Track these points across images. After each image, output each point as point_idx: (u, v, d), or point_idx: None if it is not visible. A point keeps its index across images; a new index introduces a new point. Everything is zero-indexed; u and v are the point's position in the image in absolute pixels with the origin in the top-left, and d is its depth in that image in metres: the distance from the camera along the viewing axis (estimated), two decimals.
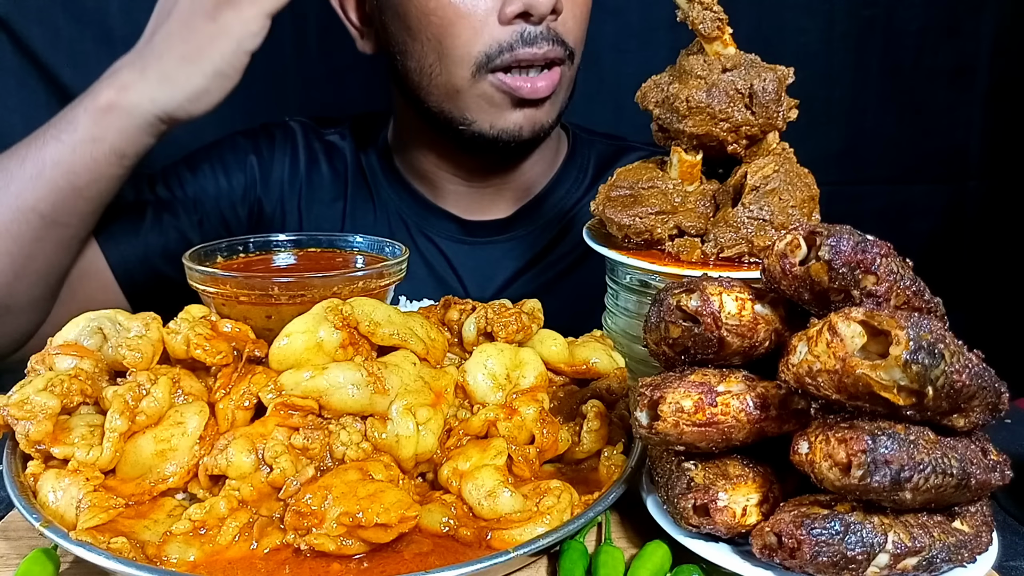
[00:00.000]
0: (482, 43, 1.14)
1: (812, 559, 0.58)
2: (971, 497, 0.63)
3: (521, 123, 1.22)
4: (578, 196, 1.39)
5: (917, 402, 0.55)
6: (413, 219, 1.36)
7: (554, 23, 1.15)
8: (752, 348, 0.66)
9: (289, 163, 1.38)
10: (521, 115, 1.21)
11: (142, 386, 0.72)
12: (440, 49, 1.17)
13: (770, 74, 0.86)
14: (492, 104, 1.19)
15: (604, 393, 0.85)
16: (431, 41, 1.17)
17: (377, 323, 0.77)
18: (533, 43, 1.14)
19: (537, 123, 1.23)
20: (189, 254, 0.88)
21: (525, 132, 1.23)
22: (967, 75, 1.81)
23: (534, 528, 0.68)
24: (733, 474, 0.65)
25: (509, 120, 1.21)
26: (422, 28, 1.17)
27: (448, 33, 1.15)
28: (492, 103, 1.19)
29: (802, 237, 0.61)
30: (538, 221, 1.37)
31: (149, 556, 0.63)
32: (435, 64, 1.19)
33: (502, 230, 1.36)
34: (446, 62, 1.17)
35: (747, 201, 0.86)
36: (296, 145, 1.40)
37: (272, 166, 1.38)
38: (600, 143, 1.45)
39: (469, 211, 1.36)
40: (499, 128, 1.22)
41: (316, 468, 0.71)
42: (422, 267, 1.34)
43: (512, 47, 1.14)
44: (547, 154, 1.38)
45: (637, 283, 0.93)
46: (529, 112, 1.21)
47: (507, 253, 1.36)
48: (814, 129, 1.77)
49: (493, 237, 1.36)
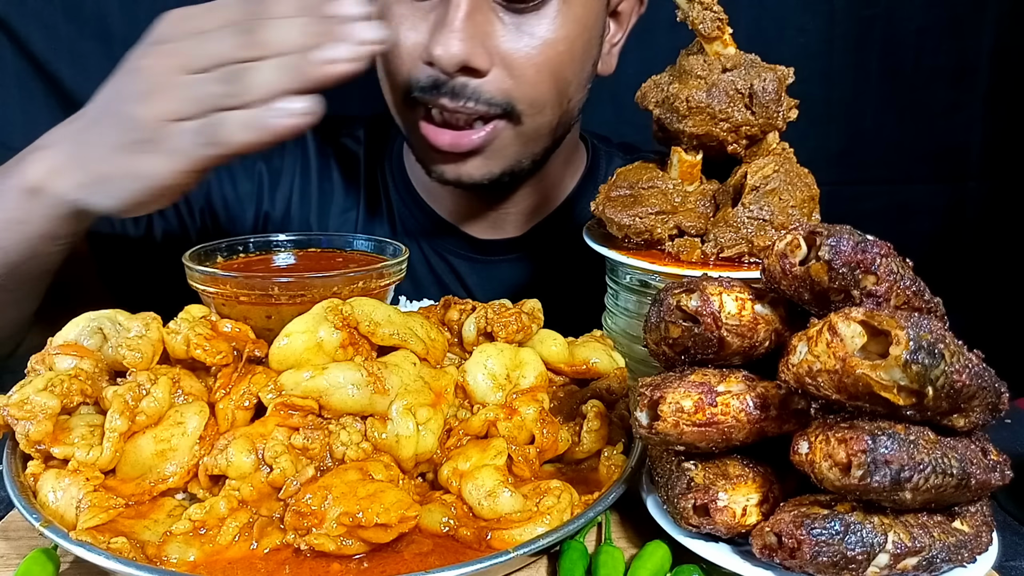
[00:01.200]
0: (407, 75, 1.08)
1: (812, 559, 0.58)
2: (971, 497, 0.63)
3: (444, 172, 1.14)
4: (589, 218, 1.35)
5: (917, 402, 0.55)
6: (424, 235, 1.32)
7: (477, 81, 1.05)
8: (752, 348, 0.66)
9: (300, 170, 1.33)
10: (440, 160, 1.13)
11: (142, 386, 0.72)
12: (382, 64, 1.13)
13: (770, 74, 0.86)
14: (419, 139, 1.13)
15: (604, 393, 0.85)
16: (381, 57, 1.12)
17: (377, 323, 0.77)
18: (444, 94, 1.05)
19: (464, 175, 1.13)
20: (189, 254, 0.88)
21: (448, 179, 1.14)
22: (967, 75, 1.81)
23: (534, 528, 0.68)
24: (733, 474, 0.65)
25: (434, 164, 1.14)
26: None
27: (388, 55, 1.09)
28: (419, 138, 1.13)
29: (802, 237, 0.61)
30: (553, 239, 1.32)
31: (149, 556, 0.63)
32: (382, 79, 1.15)
33: (514, 248, 1.31)
34: (385, 81, 1.14)
35: (747, 201, 0.86)
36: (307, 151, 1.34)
37: (282, 173, 1.33)
38: (619, 157, 1.38)
39: (480, 229, 1.31)
40: (428, 167, 1.16)
41: (316, 468, 0.71)
42: (433, 284, 1.31)
43: (424, 89, 1.06)
44: (560, 173, 1.32)
45: (637, 283, 0.93)
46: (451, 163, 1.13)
47: (520, 271, 1.31)
48: (814, 129, 1.76)
49: (506, 255, 1.31)
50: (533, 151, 1.16)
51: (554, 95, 1.10)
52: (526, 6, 1.04)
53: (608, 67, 1.23)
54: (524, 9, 1.04)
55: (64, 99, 1.69)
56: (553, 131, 1.15)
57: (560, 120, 1.15)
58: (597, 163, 1.37)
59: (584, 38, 1.10)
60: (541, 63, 1.07)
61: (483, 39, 1.03)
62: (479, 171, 1.14)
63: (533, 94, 1.08)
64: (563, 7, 1.06)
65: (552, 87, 1.09)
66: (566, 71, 1.10)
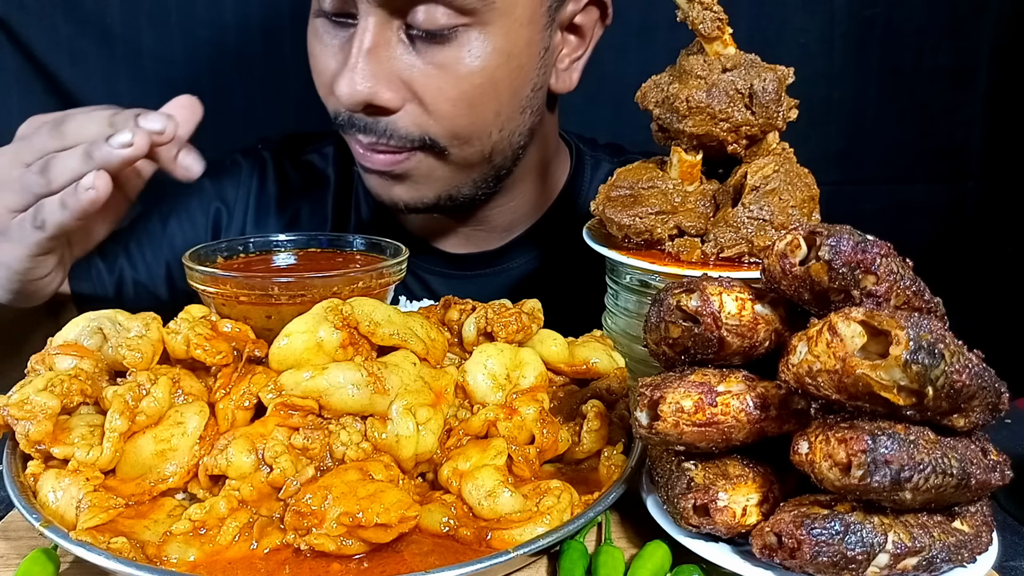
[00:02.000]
0: (331, 103, 1.07)
1: (812, 559, 0.58)
2: (971, 497, 0.63)
3: (377, 191, 1.11)
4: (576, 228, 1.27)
5: (917, 402, 0.55)
6: None
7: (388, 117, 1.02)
8: (752, 348, 0.66)
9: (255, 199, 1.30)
10: (375, 182, 1.11)
11: (142, 386, 0.72)
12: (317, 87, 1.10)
13: (770, 74, 0.86)
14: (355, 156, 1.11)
15: (604, 393, 0.85)
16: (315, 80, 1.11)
17: (377, 323, 0.77)
18: (357, 131, 1.04)
19: (395, 197, 1.10)
20: (189, 254, 0.88)
21: (384, 201, 1.12)
22: (967, 75, 1.81)
23: (534, 528, 0.68)
24: (733, 474, 0.65)
25: (368, 182, 1.12)
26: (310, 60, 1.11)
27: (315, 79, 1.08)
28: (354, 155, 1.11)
29: (802, 237, 0.61)
30: (532, 252, 1.27)
31: (149, 556, 0.63)
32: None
33: (491, 262, 1.27)
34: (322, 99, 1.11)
35: (747, 201, 0.86)
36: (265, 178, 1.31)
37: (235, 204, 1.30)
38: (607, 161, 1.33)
39: (455, 245, 1.27)
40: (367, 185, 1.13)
41: (316, 468, 0.71)
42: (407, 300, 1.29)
43: (341, 126, 1.06)
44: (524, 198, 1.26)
45: (637, 283, 0.93)
46: (381, 183, 1.10)
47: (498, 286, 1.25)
48: (814, 129, 1.76)
49: (483, 270, 1.27)
50: (471, 177, 1.11)
51: (478, 127, 1.05)
52: (435, 39, 0.99)
53: (567, 84, 1.16)
54: (433, 42, 0.99)
55: (64, 99, 1.69)
56: (488, 159, 1.10)
57: (495, 148, 1.09)
58: (581, 170, 1.31)
59: (509, 67, 1.04)
60: (456, 97, 1.01)
61: (389, 75, 1.00)
62: (409, 195, 1.11)
63: (452, 128, 1.04)
64: (480, 38, 1.00)
65: (473, 119, 1.04)
66: (488, 102, 1.04)
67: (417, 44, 1.00)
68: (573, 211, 1.28)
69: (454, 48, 1.00)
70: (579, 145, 1.34)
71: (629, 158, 1.31)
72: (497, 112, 1.06)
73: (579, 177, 1.30)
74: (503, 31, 1.01)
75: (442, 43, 0.99)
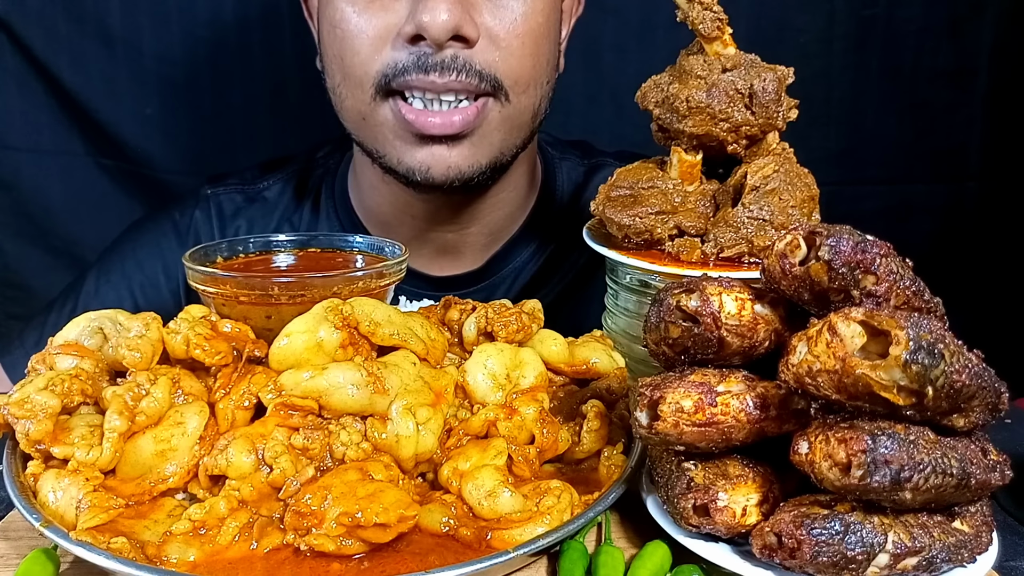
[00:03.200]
0: (380, 62, 1.04)
1: (812, 559, 0.58)
2: (971, 497, 0.63)
3: (428, 163, 1.07)
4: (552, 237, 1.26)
5: (917, 402, 0.55)
6: None
7: (467, 52, 1.02)
8: (752, 348, 0.66)
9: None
10: (427, 153, 1.07)
11: (142, 386, 0.72)
12: (343, 68, 1.07)
13: (770, 74, 0.86)
14: (395, 135, 1.08)
15: (604, 393, 0.85)
16: (336, 59, 1.08)
17: (377, 323, 0.77)
18: (432, 70, 1.01)
19: (450, 166, 1.08)
20: (189, 254, 0.88)
21: (435, 174, 1.08)
22: (967, 75, 1.81)
23: (534, 528, 0.68)
24: (733, 474, 0.65)
25: (415, 157, 1.08)
26: (329, 44, 1.09)
27: (348, 48, 1.05)
28: (395, 134, 1.08)
29: (802, 237, 0.61)
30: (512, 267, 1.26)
31: (149, 556, 0.63)
32: (341, 85, 1.10)
33: (474, 282, 1.26)
34: (349, 83, 1.08)
35: (747, 201, 0.86)
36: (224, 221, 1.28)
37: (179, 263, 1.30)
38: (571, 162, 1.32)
39: (437, 266, 1.25)
40: (406, 165, 1.09)
41: (316, 468, 0.71)
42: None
43: (406, 71, 1.02)
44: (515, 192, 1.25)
45: (637, 283, 0.93)
46: (437, 150, 1.07)
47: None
48: (814, 129, 1.76)
49: (468, 288, 1.25)
50: (515, 141, 1.13)
51: (536, 71, 1.10)
52: None
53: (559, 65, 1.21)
54: None
55: (64, 99, 1.69)
56: (534, 117, 1.14)
57: (538, 106, 1.13)
58: (552, 175, 1.31)
59: (553, 17, 1.12)
60: (524, 33, 1.06)
61: (468, 8, 1.02)
62: (466, 161, 1.09)
63: (518, 68, 1.07)
64: None
65: (533, 63, 1.09)
66: (544, 46, 1.10)
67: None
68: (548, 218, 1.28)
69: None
70: (547, 148, 1.33)
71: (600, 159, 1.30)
72: (548, 60, 1.12)
73: (552, 181, 1.30)
74: None
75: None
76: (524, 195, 1.27)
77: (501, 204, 1.24)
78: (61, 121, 1.72)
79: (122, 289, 1.27)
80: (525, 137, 1.15)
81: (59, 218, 1.77)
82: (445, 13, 0.98)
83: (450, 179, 1.10)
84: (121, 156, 1.74)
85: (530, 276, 1.27)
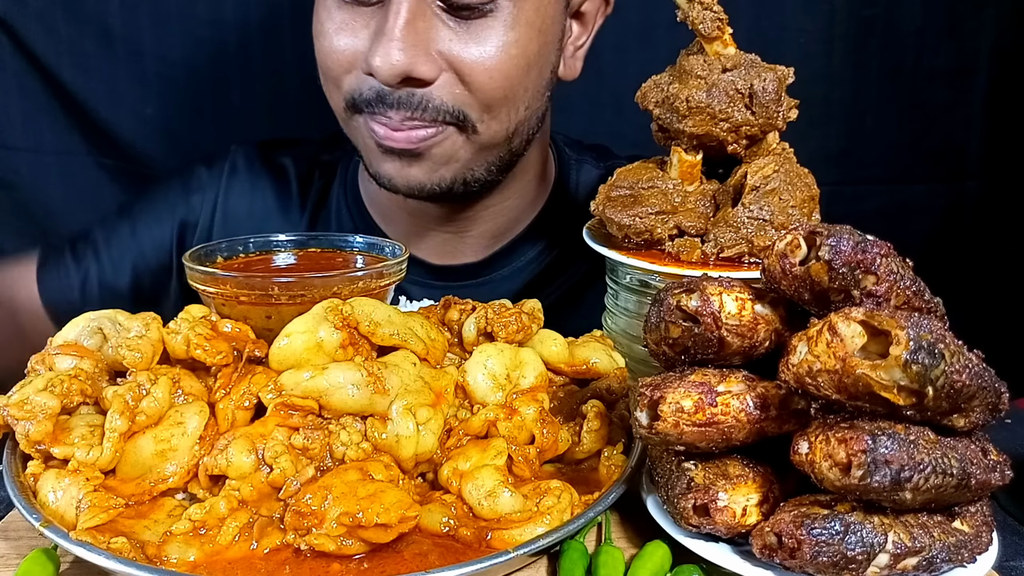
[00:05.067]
0: (348, 84, 1.05)
1: (812, 559, 0.58)
2: (971, 497, 0.63)
3: (391, 174, 1.08)
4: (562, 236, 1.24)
5: (917, 402, 0.55)
6: None
7: (424, 89, 1.01)
8: (752, 348, 0.66)
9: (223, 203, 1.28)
10: (391, 165, 1.07)
11: (142, 386, 0.72)
12: (323, 74, 1.08)
13: (770, 74, 0.86)
14: (366, 144, 1.08)
15: (604, 393, 0.85)
16: (319, 62, 1.09)
17: (377, 323, 0.77)
18: (388, 106, 1.01)
19: (412, 180, 1.08)
20: (189, 254, 0.88)
21: (398, 184, 1.08)
22: (967, 75, 1.81)
23: (534, 528, 0.68)
24: (733, 474, 0.65)
25: (383, 167, 1.08)
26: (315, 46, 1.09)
27: (324, 61, 1.06)
28: (365, 143, 1.08)
29: (802, 237, 0.61)
30: (516, 264, 1.25)
31: (149, 556, 0.63)
32: (324, 84, 1.10)
33: (474, 274, 1.25)
34: (328, 86, 1.09)
35: (747, 201, 0.86)
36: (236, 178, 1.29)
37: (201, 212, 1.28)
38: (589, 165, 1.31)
39: (439, 255, 1.25)
40: (375, 171, 1.10)
41: (316, 468, 0.71)
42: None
43: (368, 102, 1.03)
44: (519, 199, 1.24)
45: (637, 283, 0.93)
46: (399, 164, 1.07)
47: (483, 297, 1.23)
48: (814, 129, 1.76)
49: (465, 281, 1.24)
50: (487, 160, 1.11)
51: (509, 101, 1.05)
52: (472, 13, 0.99)
53: (572, 71, 1.17)
54: (470, 15, 1.00)
55: (64, 99, 1.69)
56: (509, 139, 1.10)
57: (517, 128, 1.10)
58: (567, 176, 1.30)
59: (539, 42, 1.05)
60: (493, 67, 1.01)
61: (426, 45, 0.99)
62: (427, 176, 1.08)
63: (487, 100, 1.03)
64: (514, 11, 1.01)
65: (507, 93, 1.04)
66: (521, 76, 1.05)
67: (453, 17, 1.00)
68: (559, 219, 1.27)
69: (490, 20, 1.01)
70: (564, 148, 1.33)
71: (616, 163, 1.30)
72: (526, 87, 1.07)
73: (566, 182, 1.29)
74: (535, 5, 1.03)
75: (479, 16, 1.00)
76: (531, 198, 1.27)
77: (503, 211, 1.24)
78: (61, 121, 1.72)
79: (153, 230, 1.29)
80: (502, 154, 1.12)
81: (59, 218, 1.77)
82: (396, 56, 0.97)
83: (412, 190, 1.10)
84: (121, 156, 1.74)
85: (535, 273, 1.26)
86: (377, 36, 0.99)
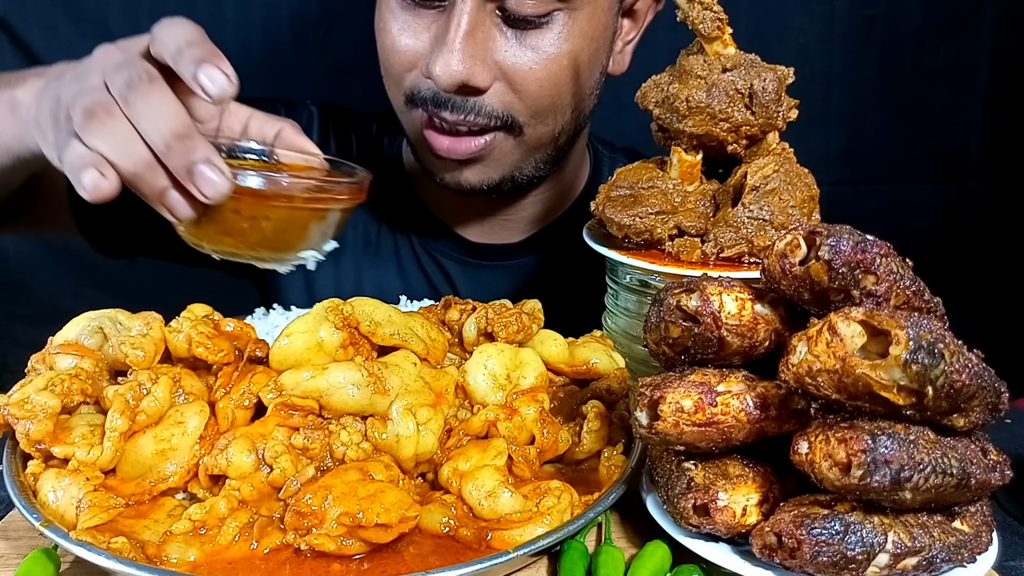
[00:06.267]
0: (408, 81, 1.08)
1: (812, 559, 0.58)
2: (971, 497, 0.63)
3: (442, 173, 1.14)
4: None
5: (917, 402, 0.55)
6: (416, 233, 1.31)
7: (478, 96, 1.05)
8: (752, 348, 0.66)
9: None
10: (441, 164, 1.13)
11: (143, 385, 0.72)
12: (384, 68, 1.12)
13: (770, 74, 0.86)
14: (421, 141, 1.13)
15: (604, 393, 0.85)
16: (380, 56, 1.12)
17: (377, 323, 0.77)
18: (444, 107, 1.05)
19: (463, 181, 1.14)
20: None
21: (448, 182, 1.14)
22: (967, 75, 1.81)
23: (534, 528, 0.68)
24: (733, 474, 0.65)
25: (433, 163, 1.14)
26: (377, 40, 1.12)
27: (386, 58, 1.10)
28: (420, 140, 1.13)
29: (802, 237, 0.62)
30: (549, 249, 1.31)
31: (149, 556, 0.63)
32: (384, 75, 1.14)
33: (510, 255, 1.31)
34: (387, 80, 1.13)
35: (747, 201, 0.86)
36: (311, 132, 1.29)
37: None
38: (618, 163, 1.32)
39: (476, 233, 1.30)
40: (426, 166, 1.16)
41: (316, 468, 0.71)
42: (424, 284, 1.30)
43: (425, 101, 1.07)
44: (570, 181, 1.31)
45: (637, 283, 0.93)
46: (449, 165, 1.13)
47: (514, 278, 1.30)
48: (814, 129, 1.76)
49: (501, 261, 1.30)
50: (535, 158, 1.16)
51: (558, 106, 1.10)
52: (528, 24, 1.03)
53: (621, 66, 1.21)
54: (526, 26, 1.03)
55: None
56: (555, 139, 1.15)
57: (563, 128, 1.14)
58: (600, 171, 1.35)
59: (591, 50, 1.09)
60: (544, 77, 1.06)
61: (484, 55, 1.03)
62: (476, 177, 1.13)
63: (535, 107, 1.08)
64: (568, 22, 1.04)
65: (554, 99, 1.09)
66: (570, 83, 1.09)
67: (510, 27, 1.03)
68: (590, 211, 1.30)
69: (545, 31, 1.04)
70: (598, 146, 1.38)
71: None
72: (575, 93, 1.11)
73: (598, 178, 1.34)
74: (588, 16, 1.06)
75: (534, 27, 1.03)
76: (569, 188, 1.32)
77: (545, 200, 1.28)
78: None
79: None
80: (550, 152, 1.17)
81: None
82: (456, 67, 1.00)
83: (463, 189, 1.15)
84: None
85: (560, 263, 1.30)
86: (438, 44, 1.02)
